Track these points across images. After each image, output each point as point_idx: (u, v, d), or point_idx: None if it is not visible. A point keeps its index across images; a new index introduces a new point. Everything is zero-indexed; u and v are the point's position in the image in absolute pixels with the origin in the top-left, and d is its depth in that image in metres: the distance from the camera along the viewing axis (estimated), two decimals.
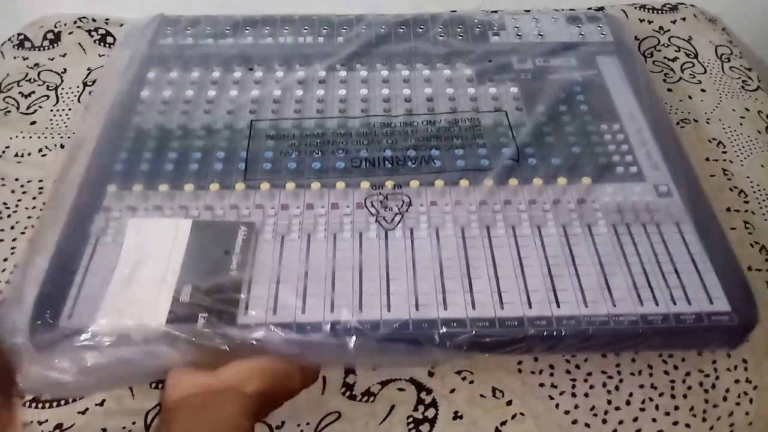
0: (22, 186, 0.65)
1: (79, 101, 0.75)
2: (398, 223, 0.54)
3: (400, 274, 0.50)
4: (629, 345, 0.49)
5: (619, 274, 0.50)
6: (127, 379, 0.49)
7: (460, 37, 0.76)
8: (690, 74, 0.83)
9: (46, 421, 0.49)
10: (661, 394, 0.52)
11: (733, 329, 0.49)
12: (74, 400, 0.50)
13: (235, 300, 0.48)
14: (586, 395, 0.51)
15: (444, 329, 0.47)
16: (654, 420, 0.50)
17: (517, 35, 0.76)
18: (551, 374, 0.52)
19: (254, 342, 0.45)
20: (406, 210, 0.55)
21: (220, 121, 0.64)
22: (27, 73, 0.79)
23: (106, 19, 0.86)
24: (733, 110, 0.78)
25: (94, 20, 0.86)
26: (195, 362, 0.44)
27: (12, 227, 0.61)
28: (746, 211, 0.65)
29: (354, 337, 0.46)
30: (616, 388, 0.52)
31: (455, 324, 0.47)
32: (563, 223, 0.54)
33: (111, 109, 0.64)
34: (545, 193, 0.57)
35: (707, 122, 0.76)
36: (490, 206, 0.55)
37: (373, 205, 0.55)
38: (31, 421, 0.49)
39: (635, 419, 0.50)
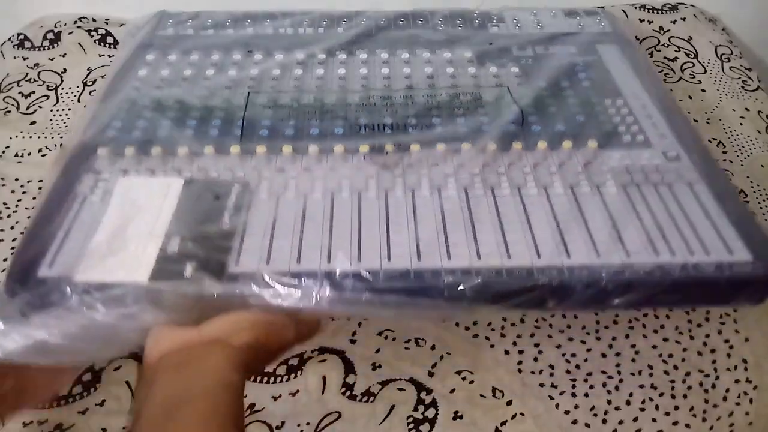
0: (22, 186, 0.65)
1: (79, 101, 0.75)
2: (398, 167, 0.53)
3: (401, 228, 0.48)
4: (647, 298, 0.46)
5: (631, 227, 0.48)
6: (107, 344, 0.44)
7: (460, 28, 0.77)
8: (690, 74, 0.83)
9: (46, 421, 0.49)
10: (661, 394, 0.52)
11: (757, 279, 0.46)
12: (74, 400, 0.50)
13: (226, 248, 0.45)
14: (586, 395, 0.51)
15: (449, 278, 0.44)
16: (654, 420, 0.50)
17: (517, 26, 0.77)
18: (551, 374, 0.52)
19: (244, 292, 0.42)
20: (407, 148, 0.54)
21: (218, 96, 0.63)
22: (27, 73, 0.79)
23: (106, 19, 0.87)
24: (733, 110, 0.78)
25: (94, 20, 0.86)
26: (180, 321, 0.41)
27: (12, 227, 0.61)
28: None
29: (351, 286, 0.44)
30: (616, 388, 0.52)
31: (460, 273, 0.45)
32: (571, 184, 0.52)
33: (108, 88, 0.64)
34: (550, 157, 0.55)
35: (707, 122, 0.76)
36: (493, 168, 0.54)
37: (372, 159, 0.54)
38: (32, 421, 0.49)
39: (635, 419, 0.50)
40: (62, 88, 0.77)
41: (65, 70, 0.80)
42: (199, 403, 0.35)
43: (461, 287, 0.44)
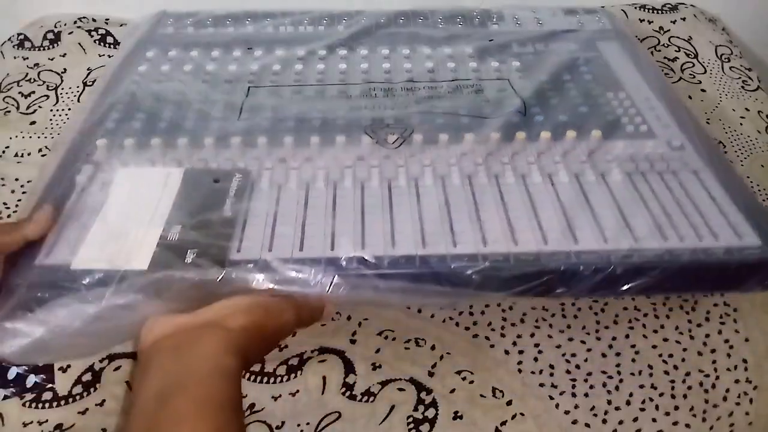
0: (22, 186, 0.65)
1: (78, 101, 0.75)
2: (400, 145, 0.53)
3: (405, 215, 0.48)
4: (656, 284, 0.45)
5: (638, 214, 0.48)
6: (107, 337, 0.44)
7: (460, 26, 0.77)
8: (690, 74, 0.83)
9: (46, 421, 0.49)
10: (661, 394, 0.52)
11: (766, 264, 0.46)
12: (73, 400, 0.50)
13: (228, 235, 0.45)
14: (586, 395, 0.51)
15: (455, 263, 0.44)
16: (654, 420, 0.50)
17: (517, 24, 0.77)
18: (551, 374, 0.52)
19: (246, 278, 0.42)
20: (409, 135, 0.54)
21: (218, 89, 0.63)
22: (27, 73, 0.79)
23: (106, 19, 0.87)
24: (733, 110, 0.78)
25: (94, 20, 0.86)
26: (180, 310, 0.40)
27: None
28: None
29: (355, 272, 0.43)
30: (616, 388, 0.52)
31: (466, 259, 0.44)
32: (575, 172, 0.52)
33: (107, 83, 0.64)
34: (554, 147, 0.55)
35: (707, 122, 0.76)
36: (497, 158, 0.53)
37: (374, 132, 0.54)
38: (32, 421, 0.49)
39: (635, 419, 0.50)
40: (62, 88, 0.77)
41: (65, 70, 0.80)
42: (192, 390, 0.34)
43: (468, 272, 0.43)
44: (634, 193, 0.50)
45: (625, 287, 0.45)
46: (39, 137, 0.70)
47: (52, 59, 0.81)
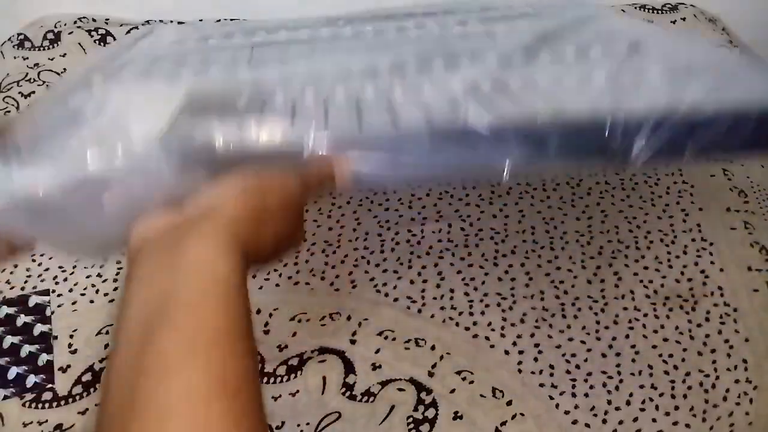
0: None
1: None
2: (422, 72, 0.50)
3: (437, 90, 0.45)
4: (723, 140, 0.42)
5: (691, 84, 0.45)
6: (98, 222, 0.37)
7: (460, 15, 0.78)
8: None
9: (46, 421, 0.49)
10: (661, 394, 0.52)
11: None
12: (73, 400, 0.50)
13: (248, 107, 0.41)
14: (586, 395, 0.51)
15: (495, 123, 0.40)
16: (654, 420, 0.50)
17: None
18: (551, 374, 0.52)
19: (272, 133, 0.38)
20: (429, 64, 0.51)
21: (221, 55, 0.61)
22: (27, 73, 0.79)
23: (106, 19, 0.87)
24: None
25: (94, 20, 0.86)
26: (194, 180, 0.35)
27: None
28: (746, 211, 0.65)
29: (400, 125, 0.40)
30: (616, 388, 0.52)
31: (509, 118, 0.40)
32: (614, 71, 0.48)
33: (101, 59, 0.63)
34: (582, 62, 0.51)
35: None
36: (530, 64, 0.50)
37: (392, 63, 0.52)
38: (32, 421, 0.49)
39: (635, 419, 0.50)
40: None
41: (65, 70, 0.80)
42: (178, 321, 0.27)
43: (513, 131, 0.40)
44: (681, 76, 0.47)
45: (689, 148, 0.42)
46: None
47: (52, 59, 0.81)
